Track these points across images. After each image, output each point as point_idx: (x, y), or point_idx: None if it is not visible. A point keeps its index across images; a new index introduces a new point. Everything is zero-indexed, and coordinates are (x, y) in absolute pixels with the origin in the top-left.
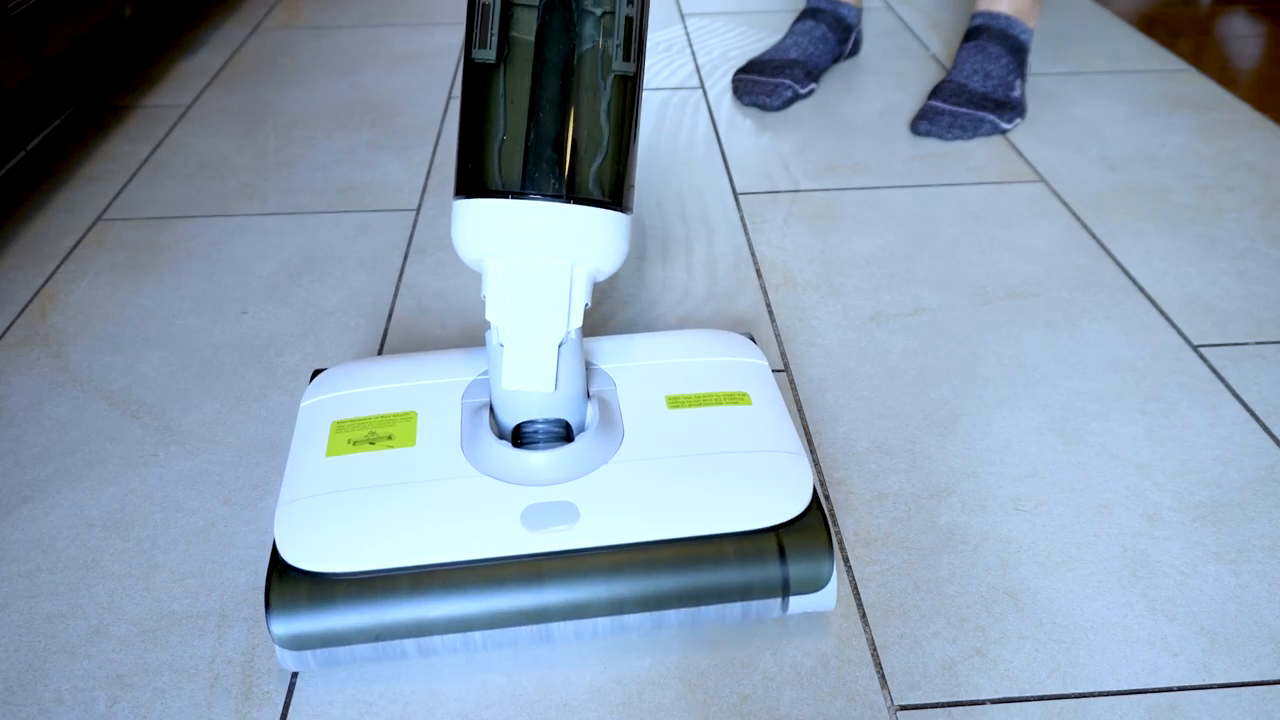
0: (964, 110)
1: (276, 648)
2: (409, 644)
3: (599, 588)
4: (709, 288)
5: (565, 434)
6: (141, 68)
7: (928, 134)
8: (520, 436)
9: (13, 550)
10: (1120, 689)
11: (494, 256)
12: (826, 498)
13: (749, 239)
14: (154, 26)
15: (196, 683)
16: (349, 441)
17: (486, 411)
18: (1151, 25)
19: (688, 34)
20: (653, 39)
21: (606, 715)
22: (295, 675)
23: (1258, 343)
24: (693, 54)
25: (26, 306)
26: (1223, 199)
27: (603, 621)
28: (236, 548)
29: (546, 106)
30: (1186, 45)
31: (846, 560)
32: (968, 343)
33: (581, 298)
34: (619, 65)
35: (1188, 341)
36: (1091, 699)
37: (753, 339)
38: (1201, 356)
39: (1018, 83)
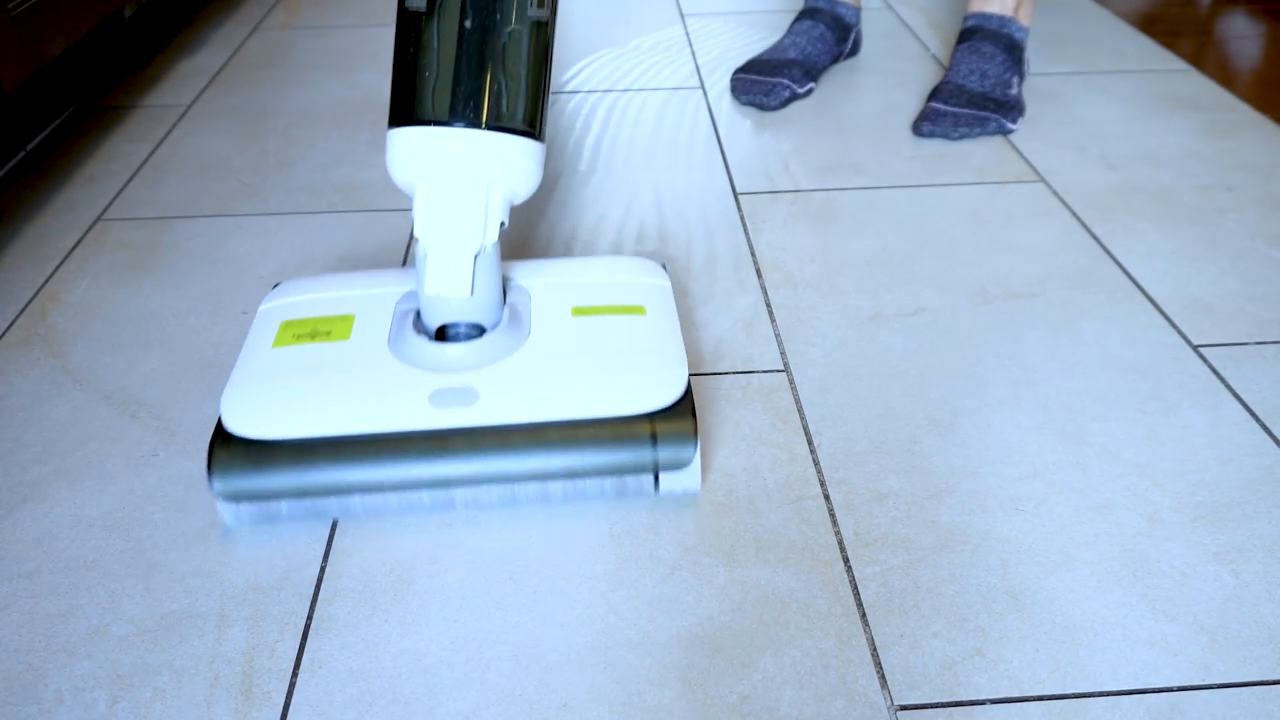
0: (965, 111)
1: (218, 502)
2: (330, 502)
3: (493, 461)
4: (709, 287)
5: (482, 336)
6: (141, 68)
7: (931, 135)
8: (443, 337)
9: (13, 550)
10: (1120, 689)
11: (422, 179)
12: (826, 498)
13: (749, 239)
14: (154, 26)
15: (196, 683)
16: (293, 336)
17: (413, 315)
18: (1151, 25)
19: (688, 34)
20: (653, 39)
21: (606, 715)
22: (295, 675)
23: (1258, 343)
24: (693, 54)
25: (26, 306)
26: (1223, 199)
27: (496, 489)
28: (236, 548)
29: (470, 48)
30: (1186, 45)
31: (846, 560)
32: (968, 343)
33: (497, 215)
34: (534, 11)
35: (1188, 341)
36: (1091, 699)
37: (664, 266)
38: (1201, 356)
39: (1015, 81)
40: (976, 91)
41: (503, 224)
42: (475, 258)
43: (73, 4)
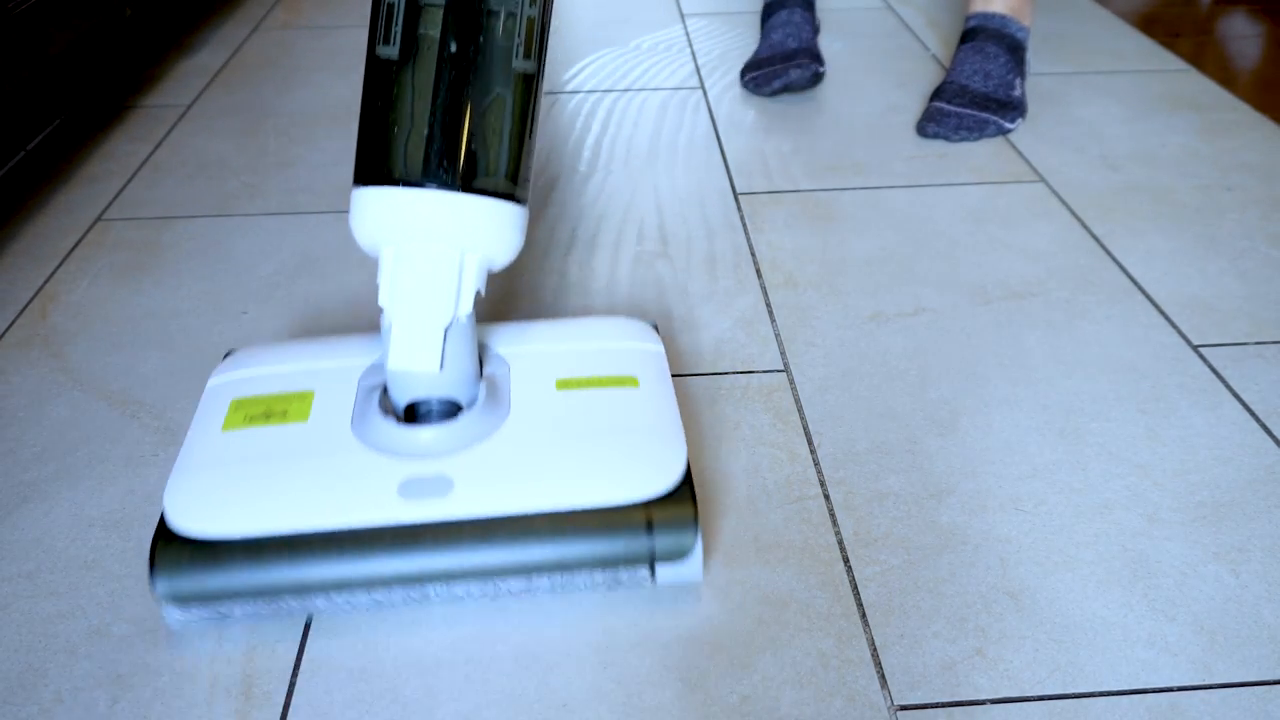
0: (968, 111)
1: (162, 607)
2: (289, 603)
3: (471, 556)
4: (709, 287)
5: (456, 414)
6: (141, 68)
7: (935, 136)
8: (413, 415)
9: (13, 550)
10: (1120, 689)
11: (389, 244)
12: (826, 497)
13: (749, 239)
14: (154, 26)
15: (196, 683)
16: (245, 417)
17: (379, 392)
18: (1151, 25)
19: (688, 34)
20: (653, 39)
21: (606, 715)
22: (295, 675)
23: (1258, 343)
24: (693, 54)
25: (26, 306)
26: (1223, 199)
27: (476, 585)
28: None
29: (448, 102)
30: (1186, 45)
31: (846, 560)
32: (968, 343)
33: (472, 284)
34: (519, 64)
35: (1188, 341)
36: (1091, 699)
37: (656, 327)
38: (1201, 356)
39: (1018, 81)
40: (979, 92)
41: (479, 293)
42: (446, 330)
43: (73, 4)
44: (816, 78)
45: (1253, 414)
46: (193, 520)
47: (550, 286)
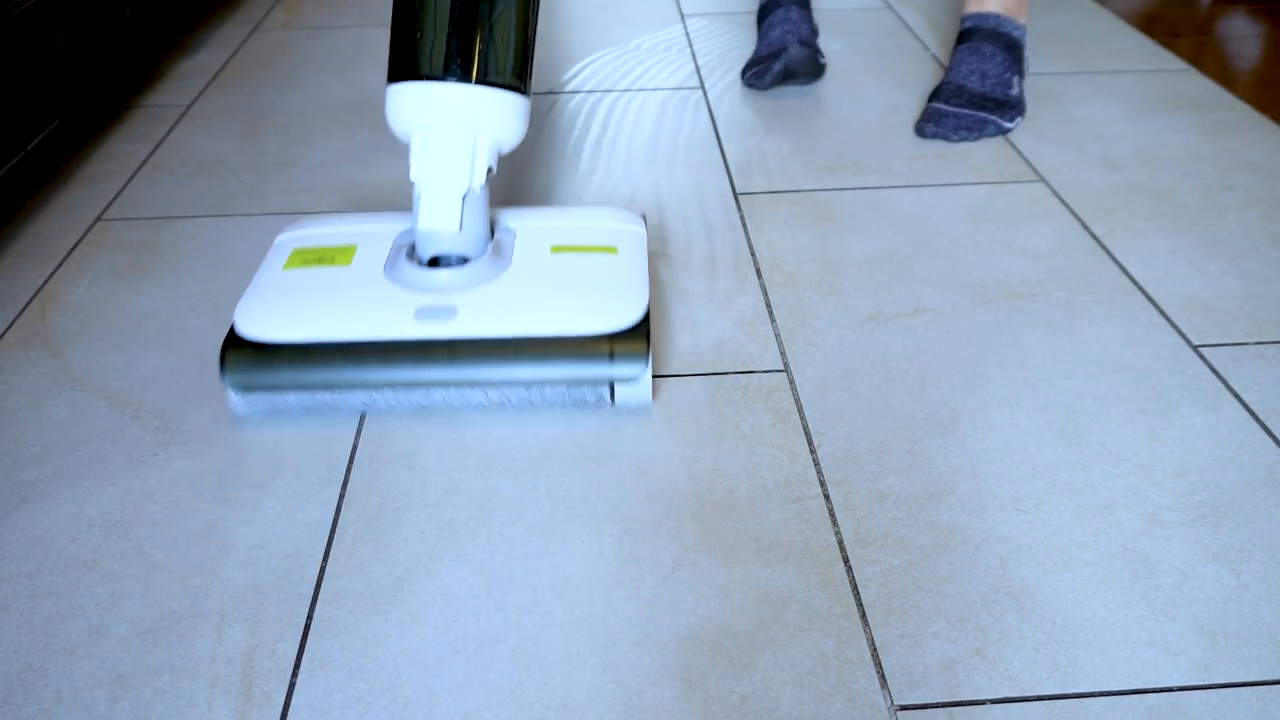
0: (966, 111)
1: (229, 394)
2: (323, 398)
3: (467, 370)
4: (709, 287)
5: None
6: (141, 68)
7: (935, 136)
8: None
9: (13, 550)
10: (1120, 689)
11: (417, 129)
12: (826, 497)
13: (749, 239)
14: (154, 26)
15: (196, 683)
16: (302, 261)
17: (409, 247)
18: (1151, 25)
19: (688, 34)
20: (653, 39)
21: (606, 715)
22: (295, 676)
23: (1258, 343)
24: (693, 54)
25: (26, 306)
26: (1223, 199)
27: (471, 393)
28: (236, 548)
29: (463, 13)
30: (1186, 45)
31: (846, 560)
32: (968, 343)
33: (484, 161)
34: None
35: (1188, 341)
36: (1091, 699)
37: (644, 217)
38: (1201, 356)
39: (1015, 80)
40: (977, 91)
41: (490, 169)
42: (464, 198)
43: (73, 4)
44: (818, 66)
45: (1253, 414)
46: (255, 329)
47: None
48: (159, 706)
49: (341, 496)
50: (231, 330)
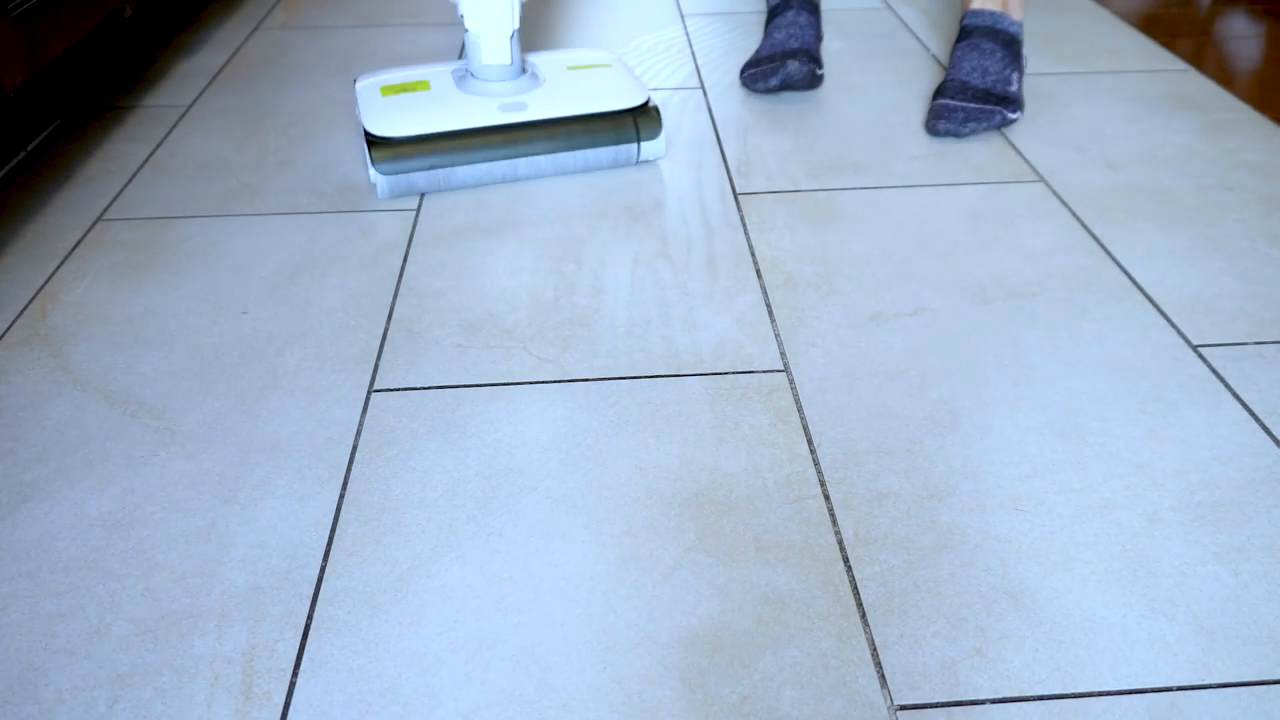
0: (973, 105)
1: (376, 179)
2: (441, 173)
3: (543, 143)
4: (709, 287)
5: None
6: (141, 68)
7: (947, 133)
8: None
9: (13, 550)
10: (1120, 689)
11: None
12: (826, 497)
13: (749, 239)
14: (154, 26)
15: (196, 683)
16: (393, 90)
17: (467, 78)
18: (1151, 25)
19: (688, 34)
20: (653, 39)
21: (607, 715)
22: (295, 676)
23: (1258, 343)
24: (693, 54)
25: (27, 306)
26: (1223, 199)
27: (543, 160)
28: (236, 548)
29: None
30: (1186, 45)
31: (846, 560)
32: (968, 343)
33: (519, 6)
34: None
35: (1187, 341)
36: (1091, 699)
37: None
38: (1201, 356)
39: (1015, 77)
40: (980, 87)
41: (524, 2)
42: (510, 37)
43: (73, 4)
44: (815, 79)
45: (1253, 414)
46: (389, 129)
47: (552, 285)
48: (159, 706)
49: (341, 496)
50: (368, 134)
